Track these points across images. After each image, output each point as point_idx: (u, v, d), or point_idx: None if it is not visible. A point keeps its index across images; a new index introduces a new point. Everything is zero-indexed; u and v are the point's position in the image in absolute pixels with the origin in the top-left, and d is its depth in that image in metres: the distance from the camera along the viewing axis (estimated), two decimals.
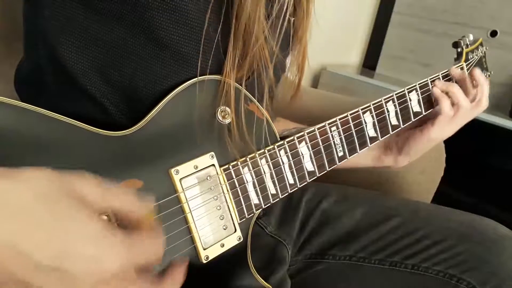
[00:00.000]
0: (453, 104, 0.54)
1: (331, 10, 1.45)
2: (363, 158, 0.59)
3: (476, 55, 0.64)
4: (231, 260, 0.43)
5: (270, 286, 0.45)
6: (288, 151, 0.45)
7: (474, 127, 1.25)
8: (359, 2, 1.62)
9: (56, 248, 0.23)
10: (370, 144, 0.52)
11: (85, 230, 0.24)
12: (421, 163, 0.76)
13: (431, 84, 0.56)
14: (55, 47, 0.37)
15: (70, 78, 0.38)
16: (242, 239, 0.43)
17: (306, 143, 0.46)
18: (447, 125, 0.55)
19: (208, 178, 0.40)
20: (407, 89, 0.54)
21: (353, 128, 0.50)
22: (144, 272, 0.27)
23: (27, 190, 0.23)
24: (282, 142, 0.45)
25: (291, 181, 0.46)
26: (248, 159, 0.43)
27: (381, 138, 0.53)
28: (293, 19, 0.49)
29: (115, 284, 0.25)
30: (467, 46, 0.62)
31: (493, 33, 1.39)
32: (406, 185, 0.76)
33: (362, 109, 0.50)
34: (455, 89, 0.54)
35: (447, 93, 0.54)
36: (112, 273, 0.24)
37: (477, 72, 0.57)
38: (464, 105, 0.54)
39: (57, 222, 0.23)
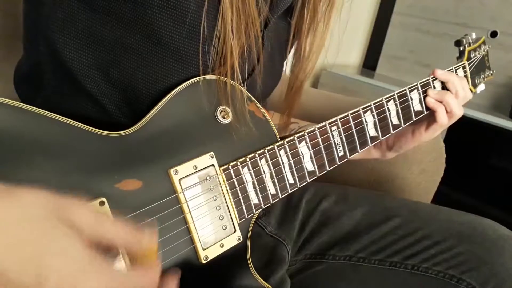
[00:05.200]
0: (446, 111, 0.55)
1: None
2: None
3: (479, 53, 0.64)
4: (231, 260, 0.42)
5: (270, 286, 0.45)
6: (288, 151, 0.45)
7: (474, 128, 1.25)
8: (359, 2, 1.62)
9: (38, 270, 0.23)
10: (371, 143, 0.52)
11: (70, 256, 0.24)
12: (421, 163, 0.76)
13: (433, 84, 0.56)
14: (55, 45, 0.37)
15: (70, 76, 0.38)
16: (241, 239, 0.43)
17: (306, 143, 0.46)
18: (439, 130, 0.56)
19: (208, 178, 0.40)
20: (409, 88, 0.54)
21: (353, 128, 0.49)
22: None
23: (19, 210, 0.23)
24: (282, 142, 0.45)
25: (291, 181, 0.46)
26: (247, 159, 0.42)
27: (382, 137, 0.52)
28: (292, 21, 0.49)
29: None
30: (469, 44, 0.62)
31: (493, 34, 1.39)
32: (406, 185, 0.76)
33: (363, 109, 0.50)
34: (448, 98, 0.54)
35: (441, 102, 0.54)
36: None
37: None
38: (458, 113, 0.55)
39: (43, 245, 0.23)
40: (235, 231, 0.42)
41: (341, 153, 0.49)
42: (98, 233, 0.26)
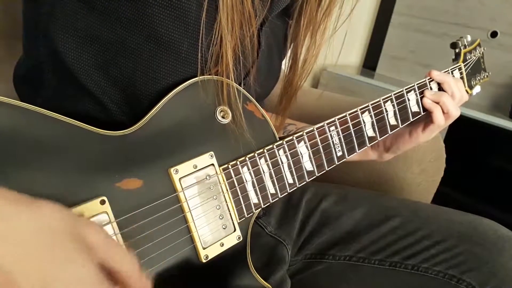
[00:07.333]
0: (443, 112, 0.55)
1: None
2: None
3: (474, 55, 0.64)
4: (231, 260, 0.43)
5: (270, 286, 0.45)
6: (287, 150, 0.45)
7: (474, 128, 1.25)
8: (359, 3, 1.62)
9: (46, 283, 0.23)
10: (369, 144, 0.52)
11: (78, 273, 0.24)
12: (421, 163, 0.76)
13: (429, 85, 0.56)
14: (55, 44, 0.37)
15: (70, 75, 0.38)
16: (241, 239, 0.43)
17: (305, 143, 0.46)
18: (436, 131, 0.56)
19: (207, 177, 0.40)
20: (406, 89, 0.54)
21: (351, 128, 0.50)
22: None
23: (37, 222, 0.24)
24: (281, 141, 0.45)
25: (290, 181, 0.46)
26: (247, 158, 0.43)
27: (380, 138, 0.53)
28: (290, 21, 0.49)
29: None
30: (465, 46, 0.62)
31: (493, 34, 1.39)
32: (406, 185, 0.76)
33: (360, 109, 0.50)
34: (445, 99, 0.54)
35: (437, 103, 0.55)
36: None
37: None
38: (455, 114, 0.55)
39: (55, 259, 0.23)
40: (235, 230, 0.42)
41: (339, 153, 0.49)
42: (108, 258, 0.26)
